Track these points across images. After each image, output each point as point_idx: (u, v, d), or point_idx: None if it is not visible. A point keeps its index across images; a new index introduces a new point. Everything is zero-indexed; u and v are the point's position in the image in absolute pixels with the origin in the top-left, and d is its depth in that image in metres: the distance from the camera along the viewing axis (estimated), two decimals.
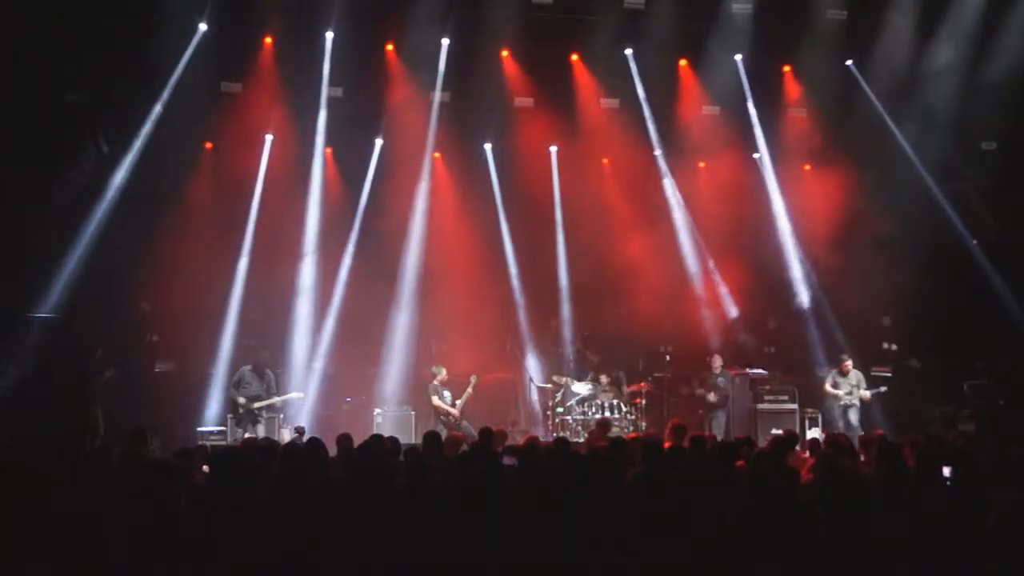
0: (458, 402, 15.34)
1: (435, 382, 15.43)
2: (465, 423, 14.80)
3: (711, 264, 18.39)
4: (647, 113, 17.66)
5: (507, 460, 7.98)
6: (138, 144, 15.92)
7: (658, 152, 18.31)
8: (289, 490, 6.53)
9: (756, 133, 17.99)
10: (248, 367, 14.54)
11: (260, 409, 14.26)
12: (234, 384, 14.39)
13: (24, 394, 13.29)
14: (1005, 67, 16.12)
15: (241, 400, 14.18)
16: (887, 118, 17.23)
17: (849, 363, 15.96)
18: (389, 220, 17.44)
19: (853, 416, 15.66)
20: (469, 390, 15.43)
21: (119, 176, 15.87)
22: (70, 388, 13.76)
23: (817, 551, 5.81)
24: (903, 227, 17.08)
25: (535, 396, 17.01)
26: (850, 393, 15.71)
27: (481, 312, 17.15)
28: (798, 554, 5.80)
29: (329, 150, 17.46)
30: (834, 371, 16.08)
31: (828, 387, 15.97)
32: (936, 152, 16.98)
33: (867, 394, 15.73)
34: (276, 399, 14.45)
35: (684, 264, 18.38)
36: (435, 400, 15.28)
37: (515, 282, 18.13)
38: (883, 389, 15.90)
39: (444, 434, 13.49)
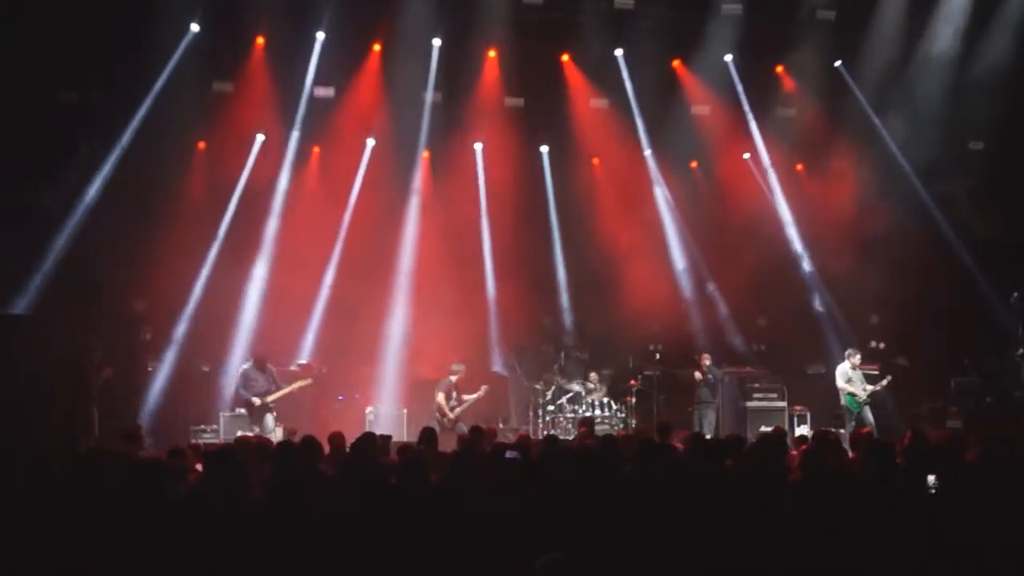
0: (467, 397, 15.04)
1: (451, 378, 15.07)
2: (460, 425, 14.71)
3: (701, 263, 18.53)
4: (637, 113, 17.76)
5: (509, 454, 8.04)
6: (130, 144, 15.98)
7: (648, 152, 18.41)
8: (283, 488, 6.57)
9: (747, 133, 18.07)
10: (248, 364, 14.49)
11: (272, 403, 14.28)
12: (242, 384, 14.32)
13: (19, 393, 13.26)
14: (991, 66, 16.22)
15: (256, 400, 14.15)
16: (875, 118, 17.35)
17: (858, 357, 15.39)
18: (380, 219, 17.47)
19: (869, 415, 15.01)
20: (478, 394, 15.15)
21: (110, 175, 15.91)
22: (66, 387, 13.73)
23: (807, 547, 5.88)
24: (892, 226, 17.19)
25: (526, 395, 17.04)
26: (864, 389, 15.12)
27: (473, 310, 17.25)
28: (789, 549, 5.87)
29: (319, 149, 17.52)
30: (845, 366, 15.33)
31: (843, 383, 15.20)
32: (924, 151, 17.09)
33: (880, 386, 15.12)
34: (287, 388, 14.42)
35: (674, 263, 18.49)
36: (439, 397, 14.92)
37: (506, 281, 18.16)
38: (888, 379, 15.26)
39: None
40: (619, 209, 18.13)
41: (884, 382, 15.19)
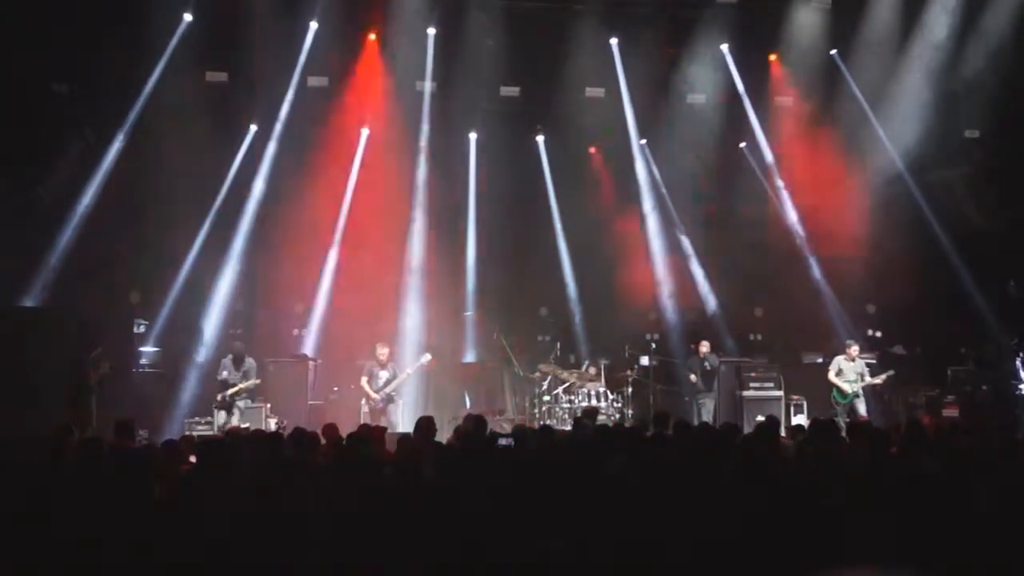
0: (402, 373, 14.60)
1: (373, 360, 14.57)
2: (392, 409, 14.29)
3: (694, 253, 18.56)
4: (630, 102, 17.70)
5: (503, 441, 8.05)
6: (124, 135, 15.97)
7: (644, 141, 18.37)
8: (277, 479, 6.55)
9: (744, 122, 18.03)
10: (228, 357, 14.57)
11: (234, 396, 14.24)
12: (218, 374, 14.47)
13: (26, 383, 13.24)
14: (988, 53, 16.18)
15: (219, 394, 14.24)
16: (871, 106, 17.31)
17: (855, 348, 14.97)
18: (376, 210, 17.43)
19: (861, 407, 14.65)
20: (408, 371, 14.68)
21: (107, 167, 15.90)
22: (63, 380, 13.69)
23: (802, 537, 5.86)
24: (888, 214, 17.17)
25: (522, 385, 16.99)
26: (856, 382, 14.69)
27: (467, 300, 17.25)
28: (783, 540, 5.84)
29: (314, 139, 17.45)
30: (839, 358, 14.97)
31: (832, 376, 14.81)
32: (920, 140, 17.04)
33: (878, 380, 14.75)
34: (241, 385, 14.33)
35: (669, 254, 18.50)
36: (362, 381, 14.48)
37: (504, 272, 18.11)
38: (891, 373, 14.95)
39: (368, 420, 13.44)
40: (615, 199, 18.15)
41: (883, 376, 14.88)
